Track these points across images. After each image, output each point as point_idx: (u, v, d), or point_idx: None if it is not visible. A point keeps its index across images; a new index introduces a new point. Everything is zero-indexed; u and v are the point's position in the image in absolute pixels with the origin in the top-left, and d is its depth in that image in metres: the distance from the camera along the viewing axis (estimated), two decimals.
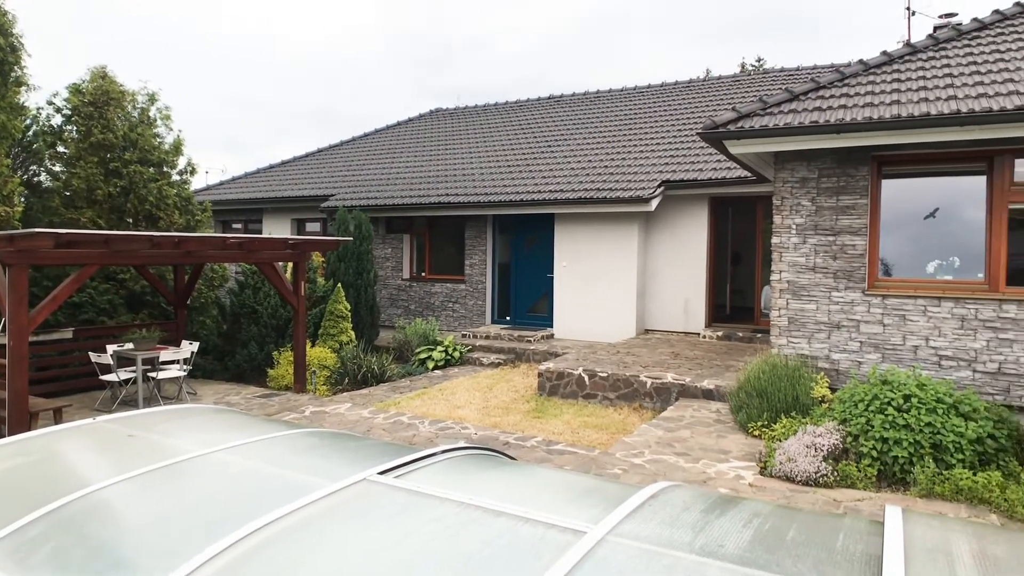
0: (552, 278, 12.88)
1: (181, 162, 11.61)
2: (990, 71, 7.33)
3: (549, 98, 18.18)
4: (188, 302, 10.58)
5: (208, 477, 2.74)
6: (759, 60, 28.83)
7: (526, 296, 13.58)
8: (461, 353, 11.51)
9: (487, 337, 12.34)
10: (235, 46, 66.71)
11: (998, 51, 7.86)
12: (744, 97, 14.22)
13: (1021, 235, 7.01)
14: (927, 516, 2.18)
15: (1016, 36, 8.11)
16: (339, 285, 10.96)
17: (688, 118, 14.30)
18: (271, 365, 10.25)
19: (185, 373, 9.06)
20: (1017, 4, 8.76)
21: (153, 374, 8.69)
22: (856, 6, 46.02)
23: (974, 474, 5.04)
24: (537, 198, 12.31)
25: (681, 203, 12.15)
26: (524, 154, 14.89)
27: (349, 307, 10.95)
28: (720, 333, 11.62)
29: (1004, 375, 6.76)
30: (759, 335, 11.06)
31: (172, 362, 8.85)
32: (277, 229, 16.47)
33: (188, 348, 9.17)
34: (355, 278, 11.94)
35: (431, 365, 11.05)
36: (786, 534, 2.19)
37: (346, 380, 9.92)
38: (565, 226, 12.62)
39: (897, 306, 7.23)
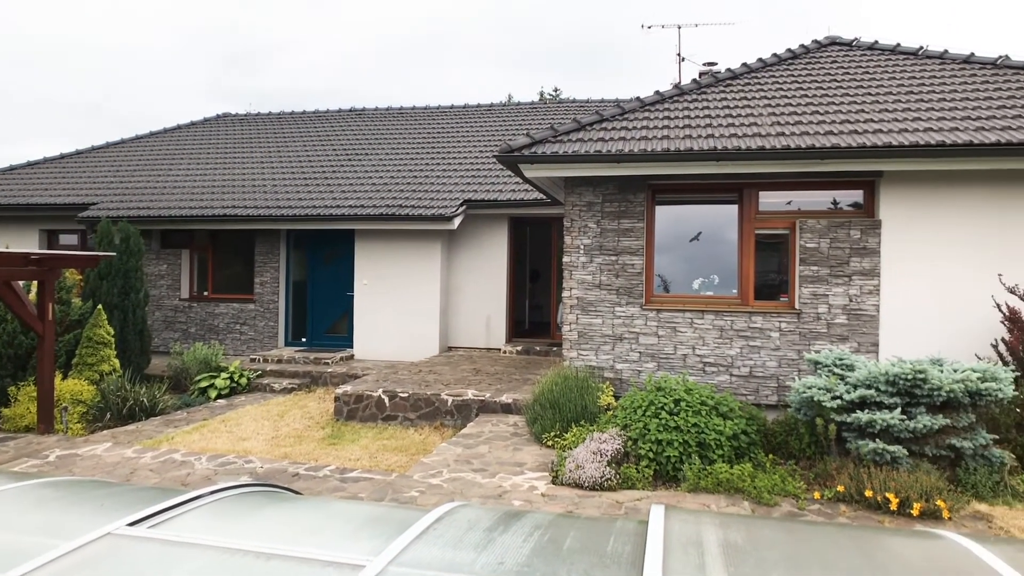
0: (352, 296, 12.45)
1: None
2: (739, 115, 8.46)
3: (351, 110, 17.74)
4: None
5: None
6: (556, 90, 30.87)
7: (324, 316, 12.97)
8: (249, 379, 10.62)
9: (280, 361, 11.55)
10: None
11: (745, 98, 9.11)
12: (541, 124, 15.03)
13: (766, 256, 8.13)
14: (685, 512, 2.34)
15: (758, 86, 9.48)
16: (100, 307, 9.54)
17: (490, 140, 14.76)
18: (7, 403, 8.60)
19: None
20: (759, 60, 10.26)
21: None
22: (639, 49, 51.45)
23: (731, 467, 5.66)
24: (336, 213, 11.86)
25: (483, 222, 12.45)
26: (323, 167, 14.30)
27: (113, 332, 9.58)
28: (520, 348, 12.03)
29: (754, 377, 7.75)
30: (555, 348, 11.63)
31: None
32: (20, 242, 14.02)
33: None
34: (121, 299, 10.49)
35: (214, 394, 10.03)
36: (563, 543, 2.22)
37: (108, 416, 8.63)
38: (366, 243, 12.29)
39: (669, 319, 7.99)
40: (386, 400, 8.48)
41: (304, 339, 12.98)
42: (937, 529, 2.67)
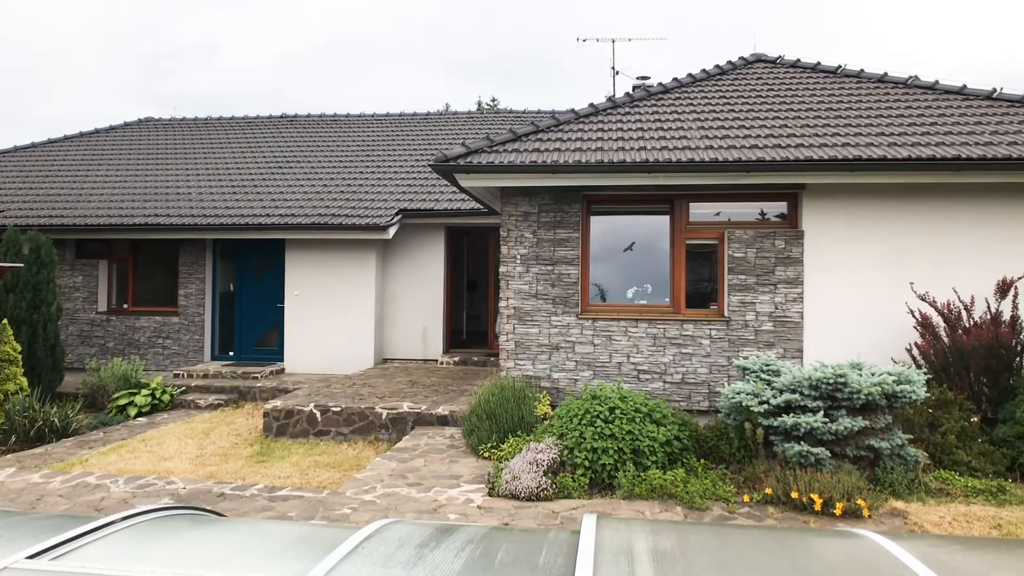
0: (283, 308, 12.08)
1: None
2: (670, 129, 8.68)
3: (282, 117, 17.29)
4: None
5: None
6: (494, 100, 31.03)
7: (253, 328, 12.53)
8: (172, 396, 10.13)
9: (206, 376, 11.06)
10: None
11: (676, 112, 9.37)
12: (478, 133, 15.03)
13: (697, 265, 8.35)
14: (616, 520, 2.34)
15: (688, 101, 9.77)
16: (5, 322, 8.91)
17: (426, 149, 14.65)
18: None
19: None
20: (689, 75, 10.57)
21: None
22: (577, 60, 52.40)
23: (664, 473, 5.74)
24: (266, 222, 11.50)
25: (419, 232, 12.33)
26: (252, 175, 13.87)
27: (19, 348, 8.94)
28: (457, 359, 11.93)
29: (686, 384, 7.92)
30: (493, 359, 11.59)
31: None
32: None
33: None
34: (30, 312, 9.83)
35: (133, 412, 9.51)
36: (495, 557, 2.18)
37: (13, 439, 8.04)
38: (298, 253, 11.96)
39: (604, 328, 8.08)
40: (318, 415, 8.23)
41: (232, 353, 12.51)
42: (856, 528, 2.77)
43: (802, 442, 5.77)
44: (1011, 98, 8.86)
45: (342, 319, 11.80)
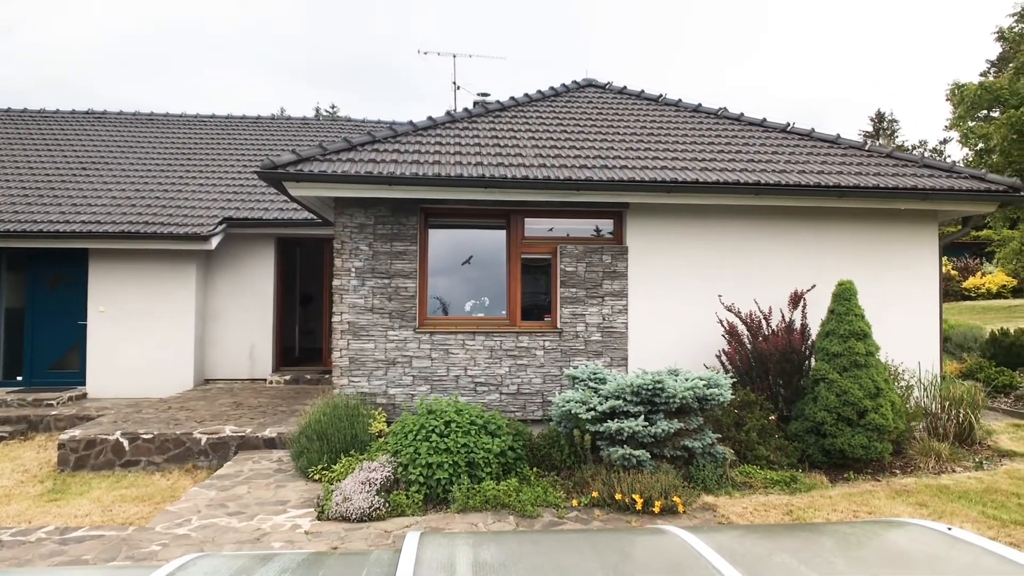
0: (85, 326, 10.74)
1: None
2: (507, 146, 8.90)
3: (88, 113, 15.46)
4: None
5: None
6: (333, 107, 30.18)
7: (48, 349, 11.01)
8: None
9: None
10: None
11: (512, 130, 9.63)
12: (313, 140, 14.47)
13: (533, 279, 8.59)
14: (440, 536, 2.31)
15: (524, 120, 10.09)
16: None
17: (256, 154, 13.83)
18: None
19: None
20: (526, 95, 10.94)
21: None
22: (419, 73, 52.44)
23: (498, 484, 5.80)
24: (65, 230, 10.18)
25: (247, 242, 11.57)
26: (49, 176, 12.24)
27: None
28: (288, 377, 11.31)
29: (522, 394, 8.10)
30: (328, 376, 11.11)
31: None
32: None
33: None
34: None
35: None
36: None
37: None
38: (104, 264, 10.71)
39: (442, 341, 8.06)
40: (125, 444, 7.37)
41: (20, 377, 10.90)
42: (666, 525, 2.95)
43: (625, 445, 6.11)
44: (801, 132, 10.14)
45: (157, 337, 10.72)
